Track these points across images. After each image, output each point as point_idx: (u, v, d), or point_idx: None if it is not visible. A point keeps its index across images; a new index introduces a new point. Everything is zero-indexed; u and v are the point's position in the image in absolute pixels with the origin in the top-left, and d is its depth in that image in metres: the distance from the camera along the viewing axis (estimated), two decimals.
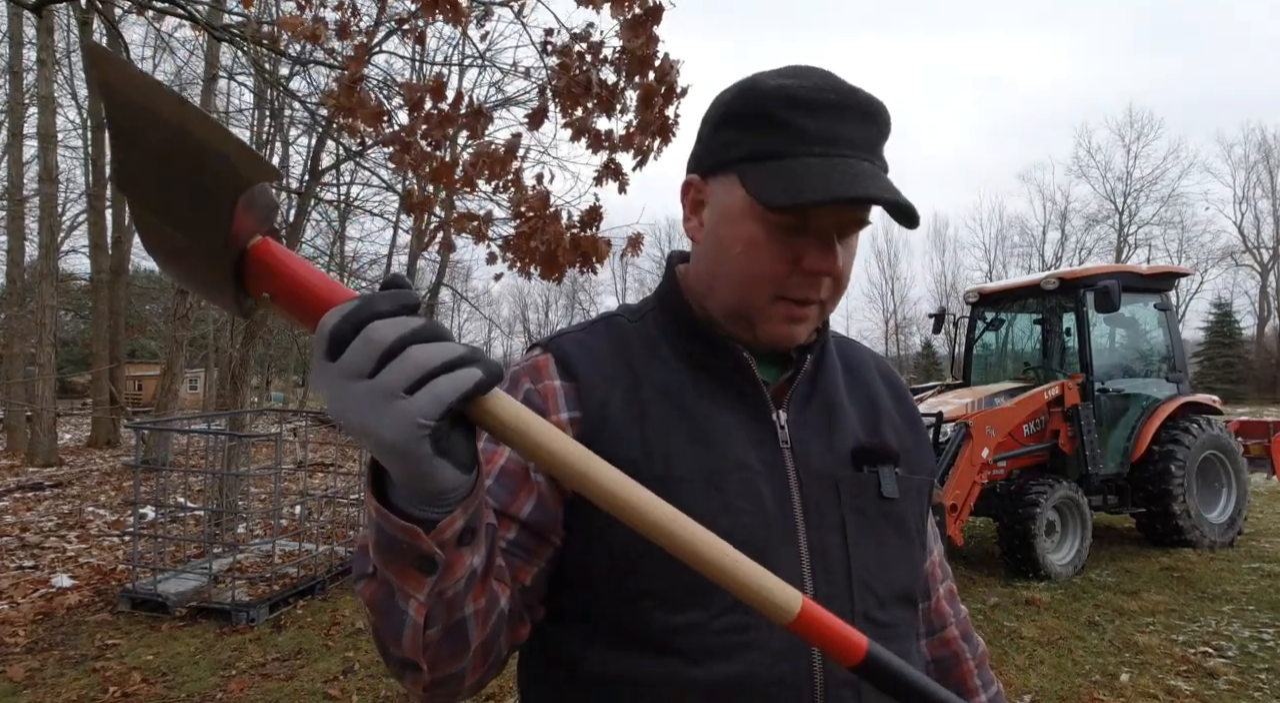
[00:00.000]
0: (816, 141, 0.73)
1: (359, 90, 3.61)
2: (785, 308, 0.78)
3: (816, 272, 0.75)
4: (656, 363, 0.82)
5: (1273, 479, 8.50)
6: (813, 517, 0.76)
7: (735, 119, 0.78)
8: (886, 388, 0.93)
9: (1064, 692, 3.75)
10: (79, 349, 27.46)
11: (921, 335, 54.60)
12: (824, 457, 0.80)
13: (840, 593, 0.75)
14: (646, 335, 0.85)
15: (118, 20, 6.57)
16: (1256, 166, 42.58)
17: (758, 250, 0.76)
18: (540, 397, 0.79)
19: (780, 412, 0.81)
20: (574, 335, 0.86)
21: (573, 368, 0.81)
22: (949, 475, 5.43)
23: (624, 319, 0.88)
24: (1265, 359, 38.24)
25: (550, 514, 0.76)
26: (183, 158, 0.51)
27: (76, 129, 18.95)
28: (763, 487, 0.75)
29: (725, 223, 0.79)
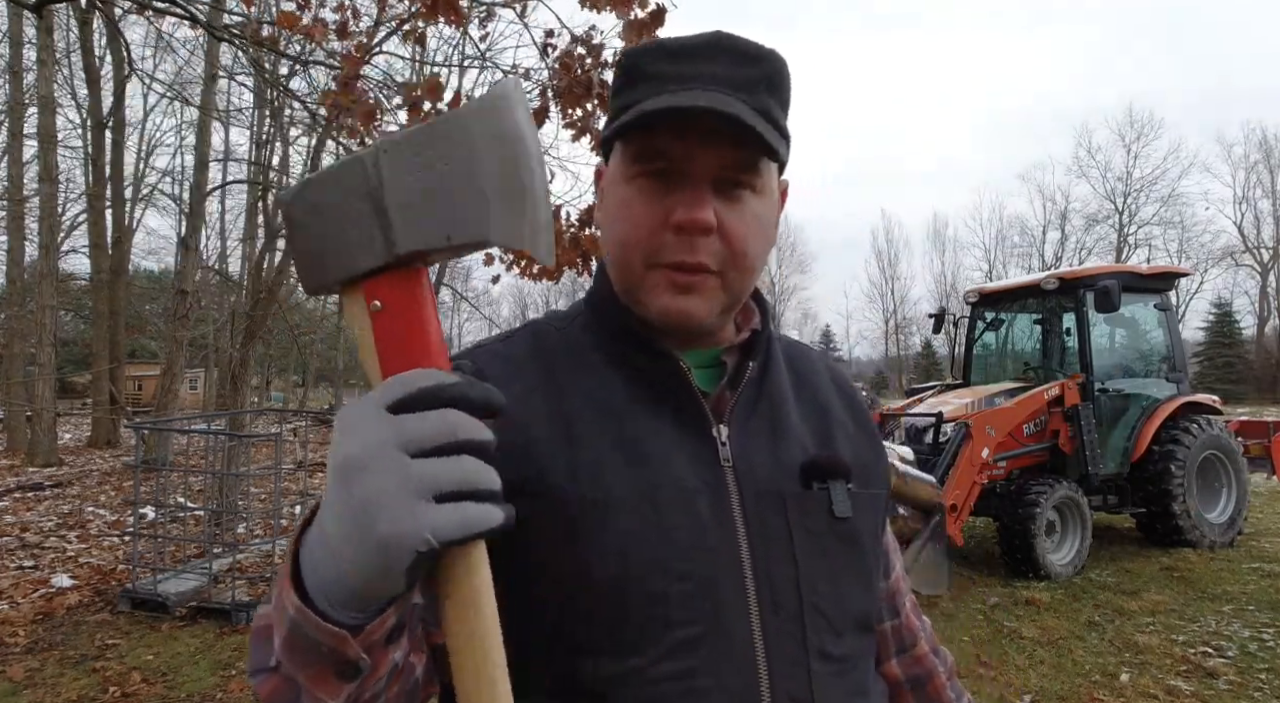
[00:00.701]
0: (674, 80, 0.68)
1: (356, 88, 3.61)
2: (664, 275, 0.70)
3: (682, 224, 0.67)
4: (585, 372, 0.74)
5: (1273, 479, 8.50)
6: (758, 541, 0.68)
7: (614, 91, 0.75)
8: (839, 394, 0.86)
9: (1064, 692, 3.75)
10: (79, 349, 27.46)
11: (921, 335, 54.61)
12: (770, 474, 0.72)
13: (792, 627, 0.67)
14: (575, 342, 0.77)
15: (118, 20, 6.56)
16: (1257, 166, 42.59)
17: (627, 212, 0.70)
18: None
19: (721, 426, 0.72)
20: (491, 347, 0.77)
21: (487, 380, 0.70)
22: (949, 475, 5.43)
23: (550, 326, 0.79)
24: (1265, 359, 38.24)
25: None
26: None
27: (76, 129, 18.98)
28: (703, 508, 0.67)
29: (607, 194, 0.75)
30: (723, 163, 0.68)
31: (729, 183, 0.69)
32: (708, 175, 0.68)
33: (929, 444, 5.98)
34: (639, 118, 0.66)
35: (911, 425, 6.33)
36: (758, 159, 0.70)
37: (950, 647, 4.45)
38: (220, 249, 22.71)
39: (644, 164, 0.70)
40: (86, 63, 15.44)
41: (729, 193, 0.69)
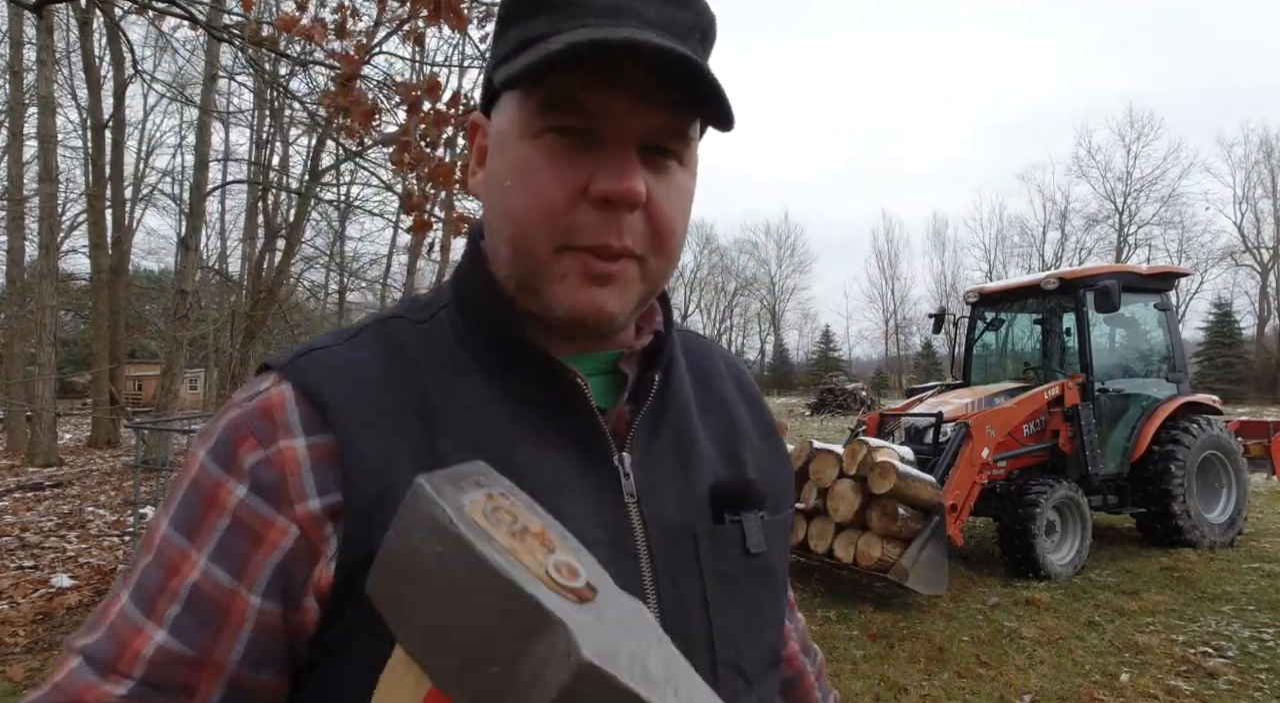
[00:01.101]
0: (591, 13, 0.53)
1: (354, 88, 3.61)
2: (578, 261, 0.55)
3: (607, 195, 0.53)
4: (458, 390, 0.57)
5: (1273, 479, 8.50)
6: (667, 592, 0.57)
7: (502, 20, 0.59)
8: (742, 398, 0.73)
9: (1064, 692, 3.75)
10: (79, 349, 27.48)
11: (921, 335, 54.67)
12: (679, 507, 0.60)
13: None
14: (440, 346, 0.59)
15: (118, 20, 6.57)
16: (1257, 166, 42.64)
17: (530, 178, 0.54)
18: (277, 472, 0.52)
19: (623, 453, 0.59)
20: (330, 352, 0.58)
21: (328, 410, 0.54)
22: (949, 475, 5.44)
23: (405, 319, 0.62)
24: (1265, 359, 38.24)
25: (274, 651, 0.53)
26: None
27: (76, 129, 19.00)
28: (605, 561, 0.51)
29: (498, 153, 0.57)
30: (652, 125, 0.54)
31: (657, 150, 0.56)
32: (634, 139, 0.54)
33: (929, 444, 5.98)
34: (563, 53, 0.50)
35: (911, 425, 6.33)
36: (689, 125, 0.57)
37: (950, 647, 4.46)
38: (220, 249, 22.75)
39: (555, 116, 0.54)
40: (87, 63, 15.45)
41: (656, 162, 0.56)
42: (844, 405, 29.11)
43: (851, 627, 4.68)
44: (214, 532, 0.52)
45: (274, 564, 0.52)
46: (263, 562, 0.52)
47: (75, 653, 0.52)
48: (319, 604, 0.52)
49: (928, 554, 4.85)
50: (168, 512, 0.55)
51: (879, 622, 4.76)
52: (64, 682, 0.50)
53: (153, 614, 0.51)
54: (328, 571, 0.52)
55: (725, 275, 62.67)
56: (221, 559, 0.52)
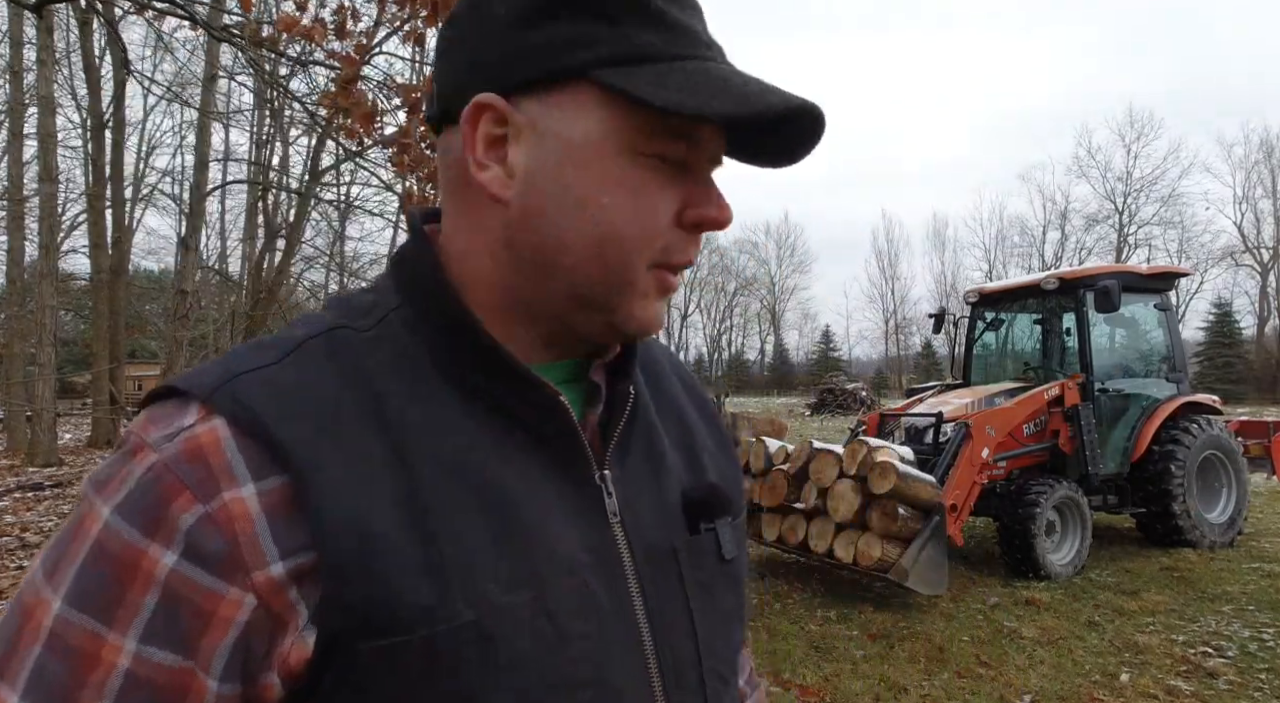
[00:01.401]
0: (701, 43, 0.54)
1: (354, 89, 3.61)
2: (660, 277, 0.56)
3: (708, 223, 0.55)
4: (430, 408, 0.52)
5: (1273, 479, 8.50)
6: (655, 609, 0.56)
7: (574, 5, 0.51)
8: (689, 397, 0.72)
9: (1064, 692, 3.75)
10: (79, 349, 27.48)
11: (921, 335, 54.71)
12: (658, 523, 0.59)
13: (694, 698, 0.58)
14: (399, 358, 0.53)
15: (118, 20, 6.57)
16: (1257, 166, 42.67)
17: (638, 200, 0.52)
18: (224, 534, 0.44)
19: (604, 471, 0.58)
20: (267, 373, 0.49)
21: (280, 446, 0.46)
22: (949, 475, 5.44)
23: (349, 329, 0.54)
24: (1265, 359, 38.25)
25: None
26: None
27: (76, 129, 18.99)
28: (596, 587, 0.53)
29: (577, 165, 0.52)
30: (718, 156, 0.57)
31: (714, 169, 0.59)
32: (711, 167, 0.57)
33: (929, 444, 5.98)
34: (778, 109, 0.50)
35: (911, 425, 6.33)
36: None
37: (950, 647, 4.45)
38: (220, 249, 22.76)
39: (667, 145, 0.53)
40: (86, 63, 15.45)
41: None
42: (844, 405, 29.11)
43: (851, 627, 4.68)
44: (140, 609, 0.44)
45: (230, 643, 0.45)
46: (217, 641, 0.44)
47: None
48: (283, 682, 0.46)
49: (928, 554, 4.85)
50: (57, 584, 0.44)
51: (879, 622, 4.76)
52: None
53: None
54: (301, 644, 0.45)
55: (725, 275, 62.73)
56: (158, 639, 0.44)
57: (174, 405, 0.48)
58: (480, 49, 0.53)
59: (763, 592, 5.42)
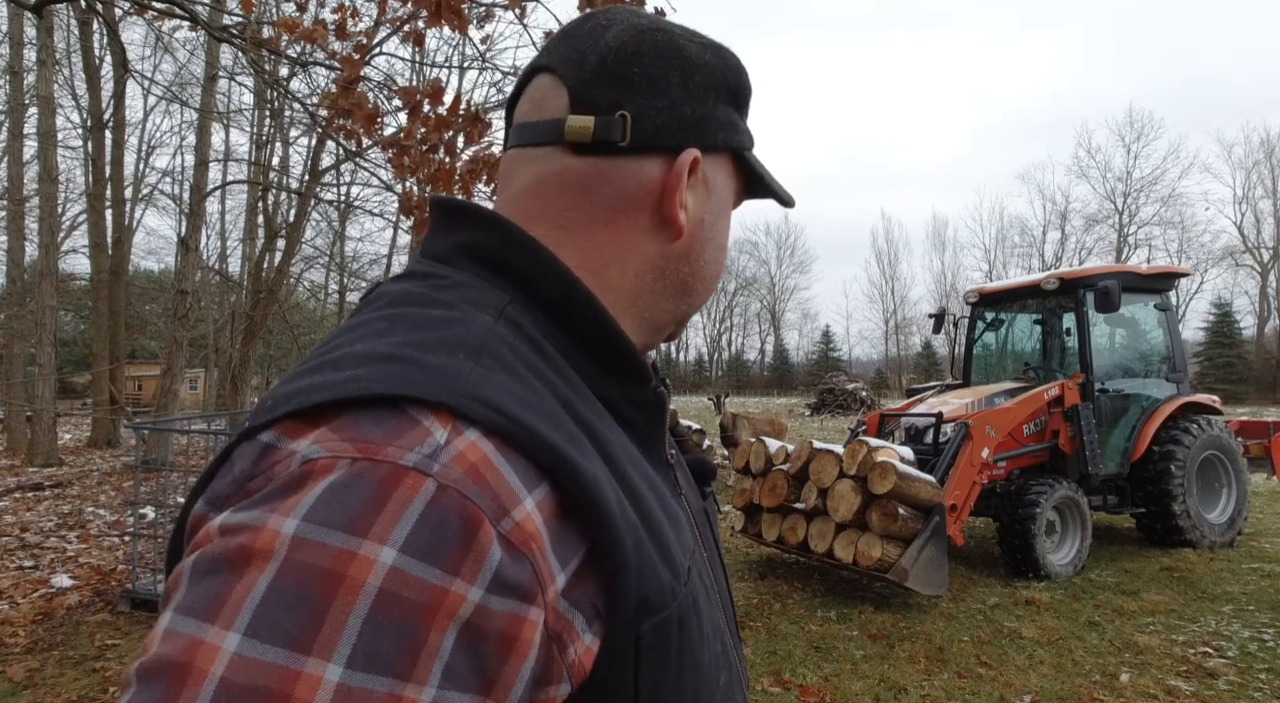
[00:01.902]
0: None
1: (356, 91, 3.61)
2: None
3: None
4: (587, 403, 0.52)
5: (1273, 479, 8.50)
6: (712, 563, 0.65)
7: (734, 95, 0.65)
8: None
9: (1064, 692, 3.75)
10: (79, 349, 27.49)
11: (921, 335, 54.70)
12: (692, 490, 0.70)
13: (732, 630, 0.66)
14: (561, 369, 0.52)
15: (118, 20, 6.57)
16: (1257, 166, 42.68)
17: (725, 243, 0.68)
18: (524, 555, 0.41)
19: (672, 450, 0.66)
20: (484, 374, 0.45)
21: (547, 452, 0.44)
22: (949, 475, 5.44)
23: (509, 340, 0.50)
24: (1265, 359, 38.24)
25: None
26: None
27: (76, 129, 19.00)
28: (699, 552, 0.61)
29: (723, 218, 0.66)
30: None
31: None
32: None
33: (929, 444, 5.98)
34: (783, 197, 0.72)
35: (911, 425, 6.34)
36: None
37: (950, 647, 4.45)
38: (220, 249, 22.76)
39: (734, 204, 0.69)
40: (86, 63, 15.46)
41: None
42: (844, 405, 29.12)
43: (851, 627, 4.68)
44: (440, 653, 0.37)
45: (530, 666, 0.41)
46: (519, 666, 0.41)
47: None
48: (575, 687, 0.44)
49: (928, 554, 4.85)
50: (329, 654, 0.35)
51: (879, 622, 4.76)
52: None
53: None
54: (588, 645, 0.44)
55: (725, 275, 62.62)
56: (457, 681, 0.38)
57: (393, 420, 0.41)
58: (685, 105, 0.60)
59: (763, 592, 5.42)
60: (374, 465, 0.39)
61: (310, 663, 0.34)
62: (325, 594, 0.35)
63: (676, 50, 0.61)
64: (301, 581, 0.35)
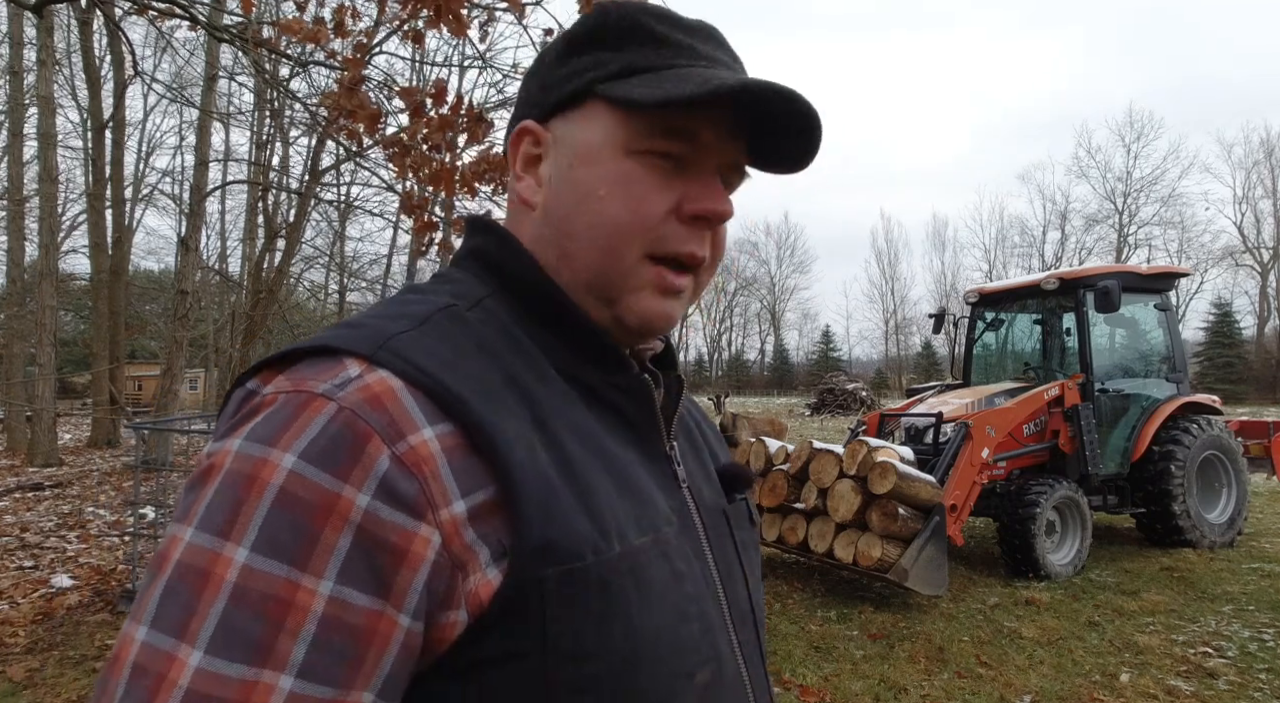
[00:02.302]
0: (702, 58, 0.61)
1: (359, 92, 3.61)
2: (658, 273, 0.60)
3: (704, 213, 0.60)
4: (548, 384, 0.57)
5: (1273, 479, 8.50)
6: (720, 561, 0.65)
7: (589, 41, 0.62)
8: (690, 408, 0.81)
9: (1064, 692, 3.75)
10: (79, 349, 27.49)
11: (921, 335, 54.71)
12: (710, 491, 0.69)
13: (752, 639, 0.66)
14: (517, 341, 0.58)
15: (118, 20, 6.57)
16: (1257, 166, 42.68)
17: (630, 189, 0.58)
18: (414, 474, 0.47)
19: (673, 443, 0.66)
20: (415, 336, 0.53)
21: (453, 397, 0.50)
22: (949, 475, 5.44)
23: (467, 313, 0.58)
24: (1265, 359, 38.23)
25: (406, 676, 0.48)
26: None
27: (76, 129, 19.01)
28: (686, 540, 0.61)
29: (585, 164, 0.60)
30: (731, 159, 0.62)
31: (732, 176, 0.64)
32: (718, 169, 0.62)
33: (929, 444, 5.98)
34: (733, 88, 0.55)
35: (911, 425, 6.34)
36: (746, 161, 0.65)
37: (950, 647, 4.45)
38: (220, 249, 22.76)
39: (663, 142, 0.59)
40: (87, 63, 15.45)
41: (729, 184, 0.64)
42: (844, 405, 29.12)
43: (851, 627, 4.68)
44: (334, 552, 0.44)
45: (423, 580, 0.46)
46: (411, 578, 0.46)
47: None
48: (470, 616, 0.48)
49: (928, 554, 4.85)
50: (236, 538, 0.44)
51: (879, 622, 4.76)
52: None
53: (269, 662, 0.42)
54: (487, 578, 0.48)
55: (725, 275, 62.65)
56: (353, 580, 0.44)
57: (325, 363, 0.50)
58: (530, 86, 0.65)
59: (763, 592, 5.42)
60: (297, 395, 0.48)
61: (227, 547, 0.44)
62: (243, 493, 0.45)
63: (559, 39, 0.65)
64: (231, 484, 0.45)
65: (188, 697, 0.41)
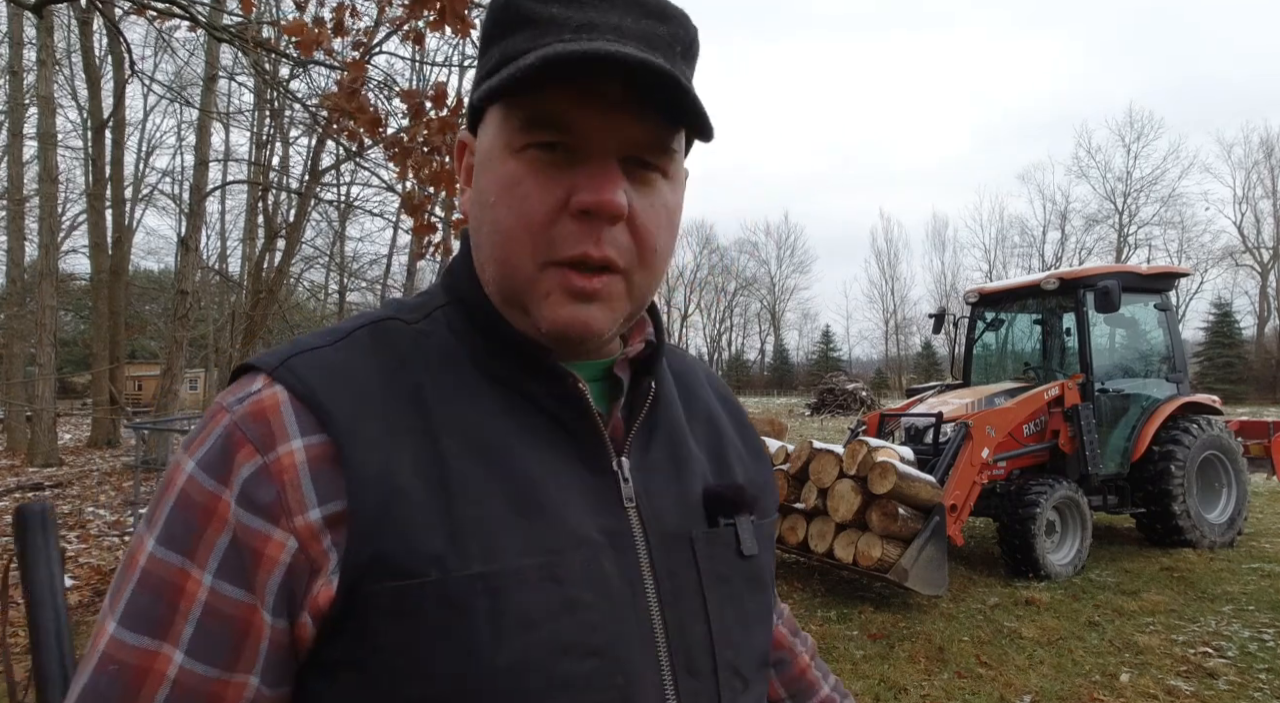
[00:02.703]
0: (568, 28, 0.54)
1: (359, 95, 3.61)
2: (560, 277, 0.56)
3: (586, 206, 0.54)
4: (452, 387, 0.57)
5: (1273, 479, 8.50)
6: (668, 593, 0.59)
7: (488, 37, 0.59)
8: (724, 409, 0.76)
9: (1064, 692, 3.75)
10: (79, 349, 27.49)
11: (921, 335, 54.72)
12: (676, 512, 0.62)
13: (706, 687, 0.59)
14: (438, 347, 0.59)
15: (118, 21, 6.57)
16: (1257, 166, 42.67)
17: (514, 191, 0.55)
18: (274, 482, 0.50)
19: (622, 458, 0.61)
20: (322, 353, 0.57)
21: (326, 413, 0.53)
22: (949, 475, 5.44)
23: (399, 321, 0.61)
24: (1265, 359, 38.24)
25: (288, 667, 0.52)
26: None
27: (76, 129, 19.01)
28: (607, 565, 0.56)
29: (483, 170, 0.58)
30: (634, 139, 0.55)
31: (638, 163, 0.56)
32: (615, 152, 0.55)
33: (929, 444, 5.98)
34: (535, 66, 0.51)
35: (911, 425, 6.34)
36: (673, 137, 0.57)
37: (950, 647, 4.44)
38: (220, 249, 22.75)
39: (536, 133, 0.55)
40: (87, 63, 15.46)
41: (639, 175, 0.57)
42: (844, 405, 29.12)
43: (851, 627, 4.68)
44: (215, 548, 0.50)
45: (278, 581, 0.50)
46: (267, 579, 0.50)
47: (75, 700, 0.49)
48: (314, 622, 0.51)
49: (928, 554, 4.85)
50: (152, 529, 0.52)
51: (879, 622, 4.76)
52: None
53: (166, 637, 0.49)
54: (329, 585, 0.50)
55: (725, 275, 62.72)
56: (229, 575, 0.50)
57: (248, 378, 0.56)
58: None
59: None
60: (213, 408, 0.55)
61: (146, 537, 0.52)
62: (163, 493, 0.53)
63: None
64: (161, 485, 0.54)
65: (102, 660, 0.49)
